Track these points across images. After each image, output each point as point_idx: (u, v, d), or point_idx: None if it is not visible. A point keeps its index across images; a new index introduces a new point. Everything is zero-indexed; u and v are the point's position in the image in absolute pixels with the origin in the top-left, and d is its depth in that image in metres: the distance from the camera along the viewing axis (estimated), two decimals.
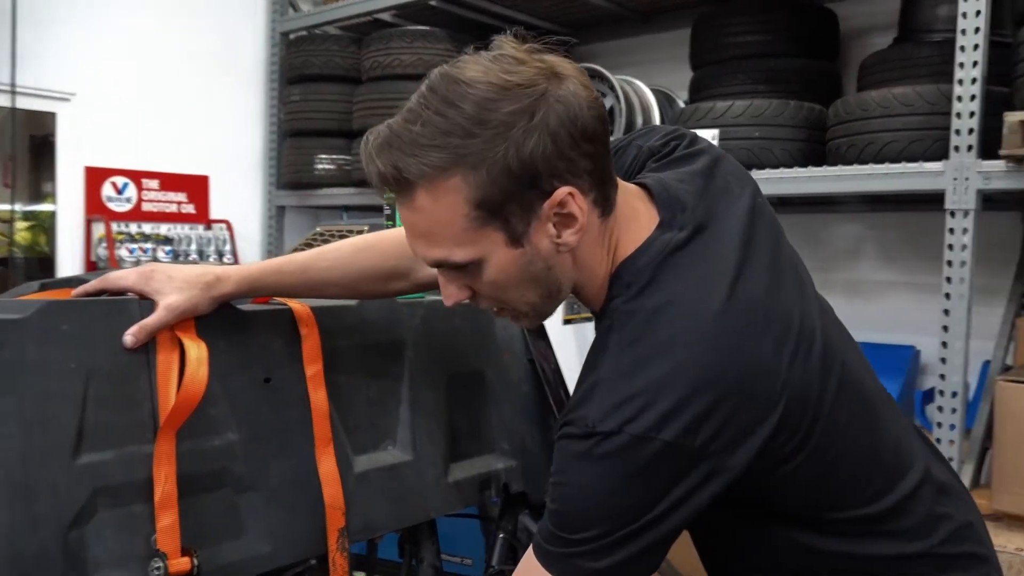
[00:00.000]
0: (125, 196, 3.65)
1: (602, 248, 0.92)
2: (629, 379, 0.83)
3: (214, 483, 1.04)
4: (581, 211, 0.86)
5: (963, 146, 2.39)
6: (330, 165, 3.95)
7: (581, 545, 0.85)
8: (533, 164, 0.83)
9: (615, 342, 0.87)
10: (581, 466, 0.85)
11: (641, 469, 0.82)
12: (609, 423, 0.82)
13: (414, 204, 0.86)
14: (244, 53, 4.19)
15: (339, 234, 1.80)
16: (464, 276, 0.91)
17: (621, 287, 0.90)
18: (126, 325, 1.00)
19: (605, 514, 0.85)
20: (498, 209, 0.85)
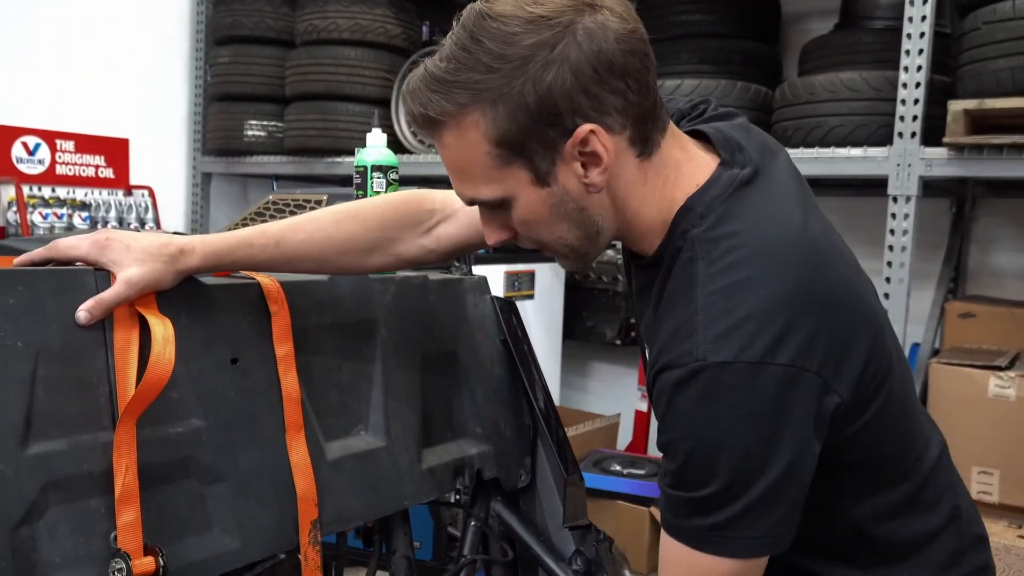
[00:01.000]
0: (37, 157, 3.39)
1: (646, 187, 0.89)
2: (730, 306, 0.80)
3: (178, 474, 0.96)
4: (606, 150, 0.84)
5: (907, 133, 2.43)
6: (260, 132, 3.77)
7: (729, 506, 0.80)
8: (552, 100, 0.81)
9: (703, 271, 0.83)
10: (704, 410, 0.79)
11: (766, 400, 0.78)
12: (722, 352, 0.78)
13: (443, 142, 0.87)
14: (168, 10, 3.95)
15: (295, 203, 1.70)
16: (501, 215, 0.91)
17: (694, 218, 0.87)
18: (80, 299, 0.90)
19: (736, 457, 0.79)
20: (520, 147, 0.84)
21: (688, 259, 0.86)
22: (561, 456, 1.34)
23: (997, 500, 2.36)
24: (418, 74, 0.86)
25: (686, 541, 0.84)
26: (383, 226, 1.08)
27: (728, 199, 0.87)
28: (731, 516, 0.81)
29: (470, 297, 1.35)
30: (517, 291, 3.13)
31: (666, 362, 0.82)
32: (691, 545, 0.84)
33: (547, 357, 3.33)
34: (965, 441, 2.37)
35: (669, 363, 0.82)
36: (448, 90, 0.83)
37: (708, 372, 0.78)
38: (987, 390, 2.38)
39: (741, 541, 0.82)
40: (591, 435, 3.21)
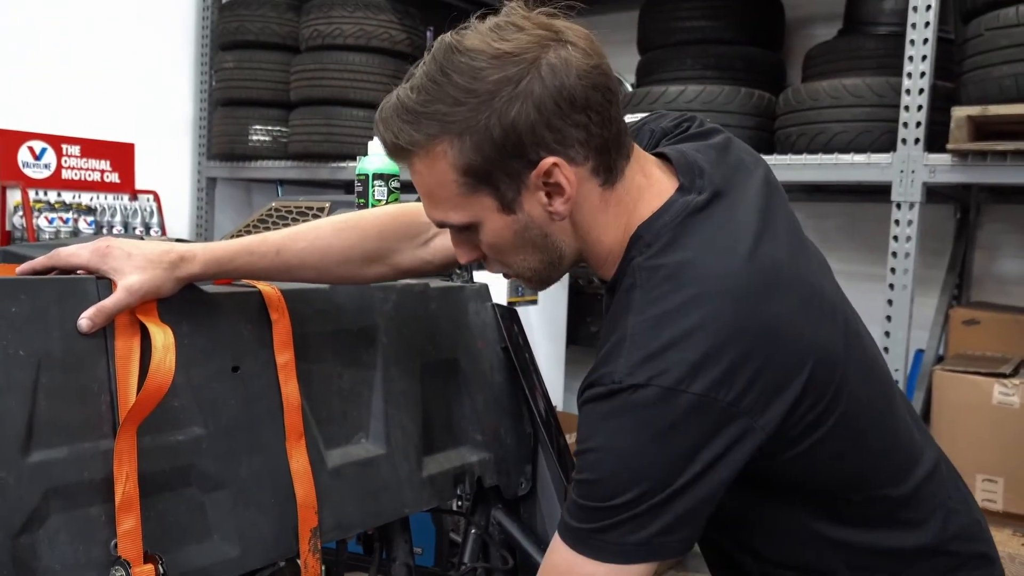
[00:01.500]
0: (43, 162, 3.41)
1: (607, 215, 0.92)
2: (656, 333, 0.82)
3: (178, 481, 0.96)
4: (568, 182, 0.87)
5: (910, 139, 2.43)
6: (265, 137, 3.78)
7: (613, 515, 0.82)
8: (516, 133, 0.84)
9: (639, 299, 0.85)
10: (610, 425, 0.82)
11: (673, 425, 0.80)
12: (638, 376, 0.80)
13: (413, 169, 0.91)
14: (174, 16, 3.96)
15: (297, 210, 1.70)
16: (470, 236, 0.94)
17: (642, 246, 0.89)
18: (82, 307, 0.90)
19: (638, 476, 0.81)
20: (486, 176, 0.87)
21: (629, 286, 0.88)
22: (562, 464, 1.34)
23: (1001, 508, 2.35)
24: (390, 103, 0.89)
25: (571, 541, 0.86)
26: (381, 236, 1.08)
27: (677, 227, 0.88)
28: (619, 522, 0.83)
29: (471, 305, 1.35)
30: (521, 296, 3.13)
31: (591, 381, 0.85)
32: (573, 546, 0.86)
33: (551, 362, 3.33)
34: (969, 449, 2.37)
35: (592, 382, 0.85)
36: (418, 120, 0.86)
37: (623, 394, 0.81)
38: (991, 397, 2.37)
39: (622, 547, 0.84)
40: None
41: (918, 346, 2.91)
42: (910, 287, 2.43)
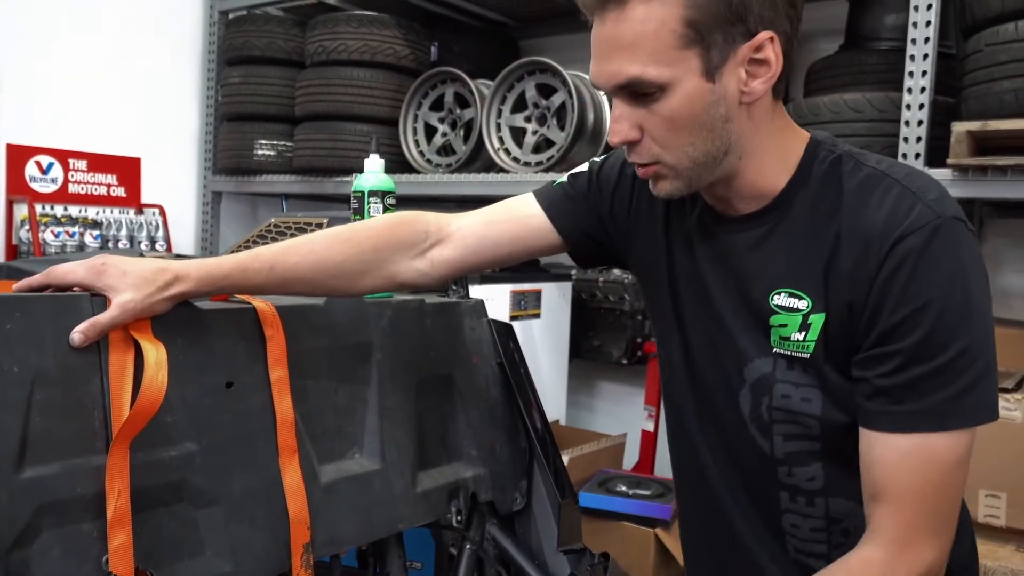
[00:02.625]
0: (50, 176, 3.44)
1: (773, 124, 0.96)
2: (927, 183, 0.91)
3: (171, 497, 0.96)
4: (776, 58, 0.90)
5: (911, 154, 2.43)
6: (270, 151, 3.80)
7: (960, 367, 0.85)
8: (748, 1, 0.87)
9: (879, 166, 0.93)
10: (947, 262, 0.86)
11: (978, 257, 0.89)
12: (951, 210, 0.88)
13: (625, 11, 0.88)
14: (181, 31, 4.00)
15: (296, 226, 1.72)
16: (642, 110, 0.92)
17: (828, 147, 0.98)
18: (77, 324, 0.91)
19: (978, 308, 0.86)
20: (705, 34, 0.87)
21: (855, 165, 0.94)
22: (556, 479, 1.34)
23: (1004, 524, 2.34)
24: None
25: (925, 426, 0.87)
26: (376, 248, 1.09)
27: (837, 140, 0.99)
28: (976, 377, 0.86)
29: (467, 320, 1.36)
30: (523, 310, 3.14)
31: (900, 232, 0.87)
32: (929, 427, 0.87)
33: (553, 376, 3.34)
34: (972, 463, 2.36)
35: (905, 231, 0.87)
36: None
37: (947, 226, 0.86)
38: None
39: (982, 407, 0.87)
40: (597, 455, 3.20)
41: None
42: None
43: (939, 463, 0.88)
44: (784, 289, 0.97)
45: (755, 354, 1.00)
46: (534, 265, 3.25)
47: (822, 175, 0.95)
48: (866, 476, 0.92)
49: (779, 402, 0.99)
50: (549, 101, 3.08)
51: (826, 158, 0.96)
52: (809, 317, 0.95)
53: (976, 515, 2.34)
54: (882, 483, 0.90)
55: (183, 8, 4.00)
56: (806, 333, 0.95)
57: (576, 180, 1.17)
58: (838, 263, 0.92)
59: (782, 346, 0.97)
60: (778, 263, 0.97)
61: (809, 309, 0.95)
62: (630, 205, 1.14)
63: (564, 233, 1.15)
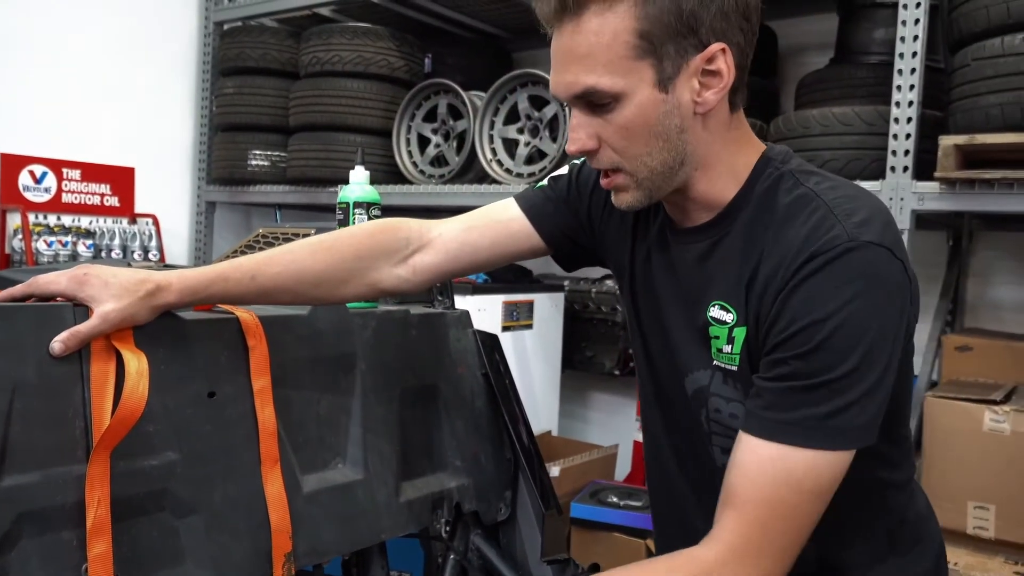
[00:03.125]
0: (44, 186, 3.45)
1: (729, 135, 0.97)
2: (857, 206, 0.90)
3: (152, 506, 0.97)
4: (728, 70, 0.92)
5: (899, 167, 2.45)
6: (264, 161, 3.82)
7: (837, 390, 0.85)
8: (700, 11, 0.89)
9: (816, 187, 0.94)
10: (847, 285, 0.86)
11: (894, 284, 0.87)
12: (866, 235, 0.87)
13: (581, 23, 0.90)
14: (175, 42, 4.02)
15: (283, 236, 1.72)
16: (598, 119, 0.93)
17: (777, 163, 0.98)
18: (58, 335, 0.91)
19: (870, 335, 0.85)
20: (657, 45, 0.89)
21: (793, 184, 0.95)
22: (541, 490, 1.35)
23: (993, 536, 2.34)
24: None
25: (788, 438, 0.87)
26: (357, 256, 1.10)
27: (793, 156, 0.99)
28: (850, 401, 0.85)
29: (452, 331, 1.37)
30: (516, 321, 3.15)
31: (812, 251, 0.87)
32: (793, 441, 0.86)
33: (546, 387, 3.34)
34: (961, 475, 2.36)
35: (815, 251, 0.87)
36: None
37: (859, 250, 0.86)
38: (982, 424, 2.37)
39: (851, 431, 0.87)
40: (589, 466, 3.20)
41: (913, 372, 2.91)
42: None
43: (794, 481, 0.86)
44: (718, 302, 0.98)
45: (696, 366, 1.02)
46: (526, 276, 3.26)
47: (763, 192, 0.96)
48: (725, 478, 0.91)
49: (713, 415, 1.01)
50: (541, 113, 3.10)
51: (771, 175, 0.97)
52: (734, 330, 0.96)
53: (965, 527, 2.34)
54: (735, 487, 0.89)
55: (178, 19, 4.02)
56: (732, 346, 0.96)
57: (556, 183, 1.18)
58: (756, 278, 0.93)
59: (719, 358, 0.99)
60: (716, 276, 0.98)
61: (734, 322, 0.96)
62: (603, 209, 1.15)
63: (545, 236, 1.16)
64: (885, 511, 1.03)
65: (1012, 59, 2.18)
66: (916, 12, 2.42)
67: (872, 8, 3.03)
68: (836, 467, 0.87)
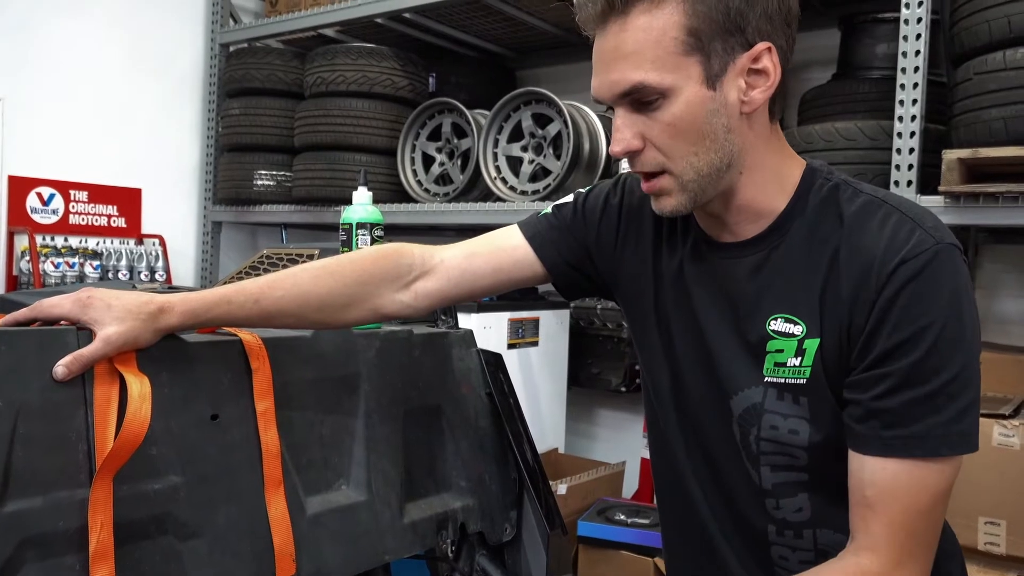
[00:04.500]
0: (51, 208, 3.47)
1: (772, 143, 0.99)
2: (923, 211, 0.93)
3: (155, 530, 0.97)
4: (775, 68, 0.93)
5: (903, 181, 2.45)
6: (270, 181, 3.84)
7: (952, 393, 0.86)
8: (746, 10, 0.90)
9: (875, 194, 0.95)
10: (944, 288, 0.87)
11: (969, 284, 0.89)
12: (946, 237, 0.89)
13: (628, 21, 0.91)
14: (182, 64, 4.06)
15: (287, 257, 1.73)
16: (644, 118, 0.93)
17: (824, 174, 0.99)
18: (61, 358, 0.92)
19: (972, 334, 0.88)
20: (705, 42, 0.90)
21: (852, 193, 0.96)
22: (546, 509, 1.34)
23: (1004, 551, 2.32)
24: None
25: (918, 451, 0.88)
26: (360, 280, 1.10)
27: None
28: (966, 405, 0.87)
29: (456, 350, 1.37)
30: (521, 338, 3.15)
31: (902, 257, 0.88)
32: (924, 454, 0.87)
33: (552, 404, 3.33)
34: (971, 491, 2.34)
35: (906, 256, 0.88)
36: None
37: (946, 252, 0.88)
38: (991, 439, 2.35)
39: (970, 437, 0.88)
40: (597, 483, 3.19)
41: None
42: None
43: (928, 489, 0.89)
44: (781, 315, 0.97)
45: (745, 384, 1.00)
46: (532, 293, 3.26)
47: (819, 202, 0.97)
48: (857, 495, 0.92)
49: (767, 432, 0.99)
50: (545, 131, 3.11)
51: (823, 185, 0.98)
52: (804, 342, 0.95)
53: (976, 543, 2.32)
54: (875, 503, 0.90)
55: (184, 41, 4.06)
56: (802, 358, 0.95)
57: (561, 211, 1.18)
58: (836, 287, 0.93)
59: (776, 374, 0.97)
60: (775, 289, 0.98)
61: (804, 334, 0.95)
62: (616, 237, 1.14)
63: (548, 264, 1.16)
64: None
65: (1014, 73, 2.18)
66: (918, 27, 2.43)
67: (873, 23, 3.04)
68: (958, 468, 0.90)
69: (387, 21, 3.61)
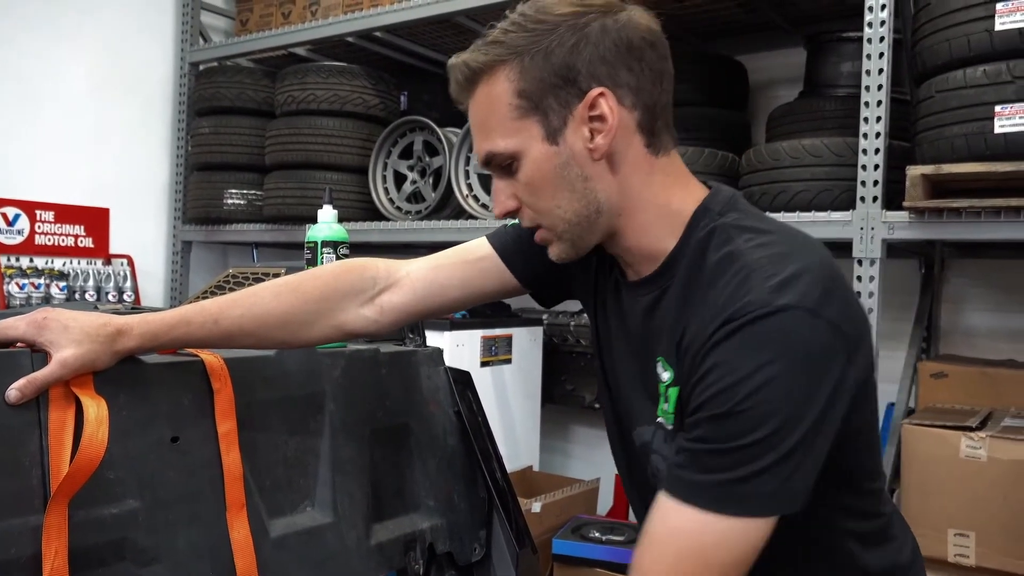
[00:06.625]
0: (16, 228, 3.42)
1: (652, 178, 0.95)
2: (782, 265, 0.85)
3: (112, 556, 0.94)
4: (611, 112, 0.91)
5: (868, 197, 2.48)
6: (240, 200, 3.81)
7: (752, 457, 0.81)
8: (572, 61, 0.91)
9: (743, 246, 0.90)
10: (759, 352, 0.81)
11: (817, 349, 0.82)
12: (782, 299, 0.82)
13: (475, 95, 0.96)
14: (151, 82, 4.03)
15: (253, 276, 1.71)
16: (511, 180, 0.97)
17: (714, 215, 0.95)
18: (15, 381, 0.90)
19: (782, 405, 0.81)
20: (538, 100, 0.92)
21: (725, 239, 0.91)
22: (515, 528, 1.33)
23: (974, 563, 2.34)
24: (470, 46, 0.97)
25: (696, 499, 0.83)
26: (322, 297, 1.08)
27: (741, 204, 0.97)
28: (762, 467, 0.81)
29: (423, 368, 1.36)
30: (494, 356, 3.14)
31: (727, 316, 0.84)
32: (701, 503, 0.82)
33: (526, 421, 3.32)
34: (940, 503, 2.36)
35: (731, 316, 0.84)
36: (488, 48, 0.94)
37: (772, 317, 0.82)
38: (959, 451, 2.37)
39: (762, 497, 0.82)
40: (571, 501, 3.17)
41: (889, 399, 2.92)
42: (874, 342, 2.45)
43: (702, 552, 0.83)
44: (661, 358, 0.97)
45: (641, 420, 1.01)
46: (505, 310, 3.25)
47: (696, 247, 0.94)
48: (645, 526, 0.88)
49: (652, 470, 1.00)
50: None
51: (705, 227, 0.94)
52: (669, 389, 0.95)
53: (946, 554, 2.33)
54: (652, 537, 0.86)
55: (153, 59, 4.03)
56: (669, 404, 0.95)
57: None
58: (688, 338, 0.90)
59: (663, 415, 0.97)
60: (661, 332, 0.96)
61: (670, 381, 0.95)
62: None
63: (518, 274, 1.15)
64: (853, 567, 0.98)
65: (974, 90, 2.23)
66: (880, 46, 2.47)
67: (839, 42, 3.09)
68: (748, 538, 0.83)
69: (358, 40, 3.61)
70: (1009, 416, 2.48)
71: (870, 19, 2.49)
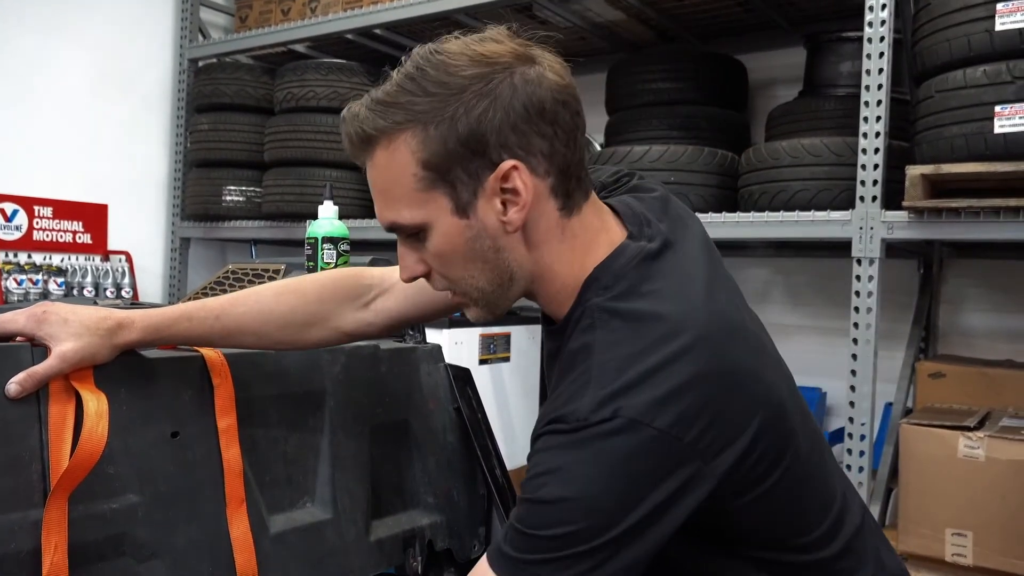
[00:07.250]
0: (15, 224, 3.41)
1: (563, 245, 0.91)
2: (621, 373, 0.80)
3: (111, 551, 0.94)
4: (525, 187, 0.86)
5: (868, 196, 2.48)
6: (239, 197, 3.81)
7: (552, 548, 0.78)
8: (481, 130, 0.84)
9: (600, 340, 0.84)
10: (568, 453, 0.79)
11: (633, 456, 0.78)
12: (603, 412, 0.78)
13: (373, 161, 0.88)
14: (150, 79, 4.02)
15: (252, 272, 1.71)
16: (419, 246, 0.91)
17: (599, 288, 0.89)
18: (15, 375, 0.89)
19: (589, 507, 0.78)
20: (445, 172, 0.85)
21: (588, 326, 0.86)
22: None
23: (971, 562, 2.34)
24: (361, 99, 0.89)
25: (499, 567, 0.82)
26: (321, 300, 1.09)
27: (633, 271, 0.88)
28: (553, 557, 0.79)
29: (423, 366, 1.36)
30: (493, 354, 3.14)
31: (553, 417, 0.82)
32: (500, 572, 0.81)
33: (524, 419, 3.32)
34: (938, 502, 2.36)
35: (554, 419, 0.82)
36: (386, 110, 0.85)
37: (587, 429, 0.79)
38: (957, 451, 2.38)
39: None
40: None
41: (887, 399, 2.93)
42: (873, 341, 2.45)
43: None
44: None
45: None
46: None
47: (573, 323, 0.90)
48: None
49: None
50: None
51: (588, 300, 0.89)
52: None
53: (943, 554, 2.34)
54: None
55: (152, 56, 4.03)
56: None
57: None
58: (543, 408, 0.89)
59: None
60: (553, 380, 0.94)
61: None
62: None
63: None
64: None
65: (974, 91, 2.23)
66: (880, 46, 2.47)
67: (838, 42, 3.10)
68: None
69: (357, 37, 3.61)
70: (1007, 416, 2.48)
71: (870, 19, 2.49)
